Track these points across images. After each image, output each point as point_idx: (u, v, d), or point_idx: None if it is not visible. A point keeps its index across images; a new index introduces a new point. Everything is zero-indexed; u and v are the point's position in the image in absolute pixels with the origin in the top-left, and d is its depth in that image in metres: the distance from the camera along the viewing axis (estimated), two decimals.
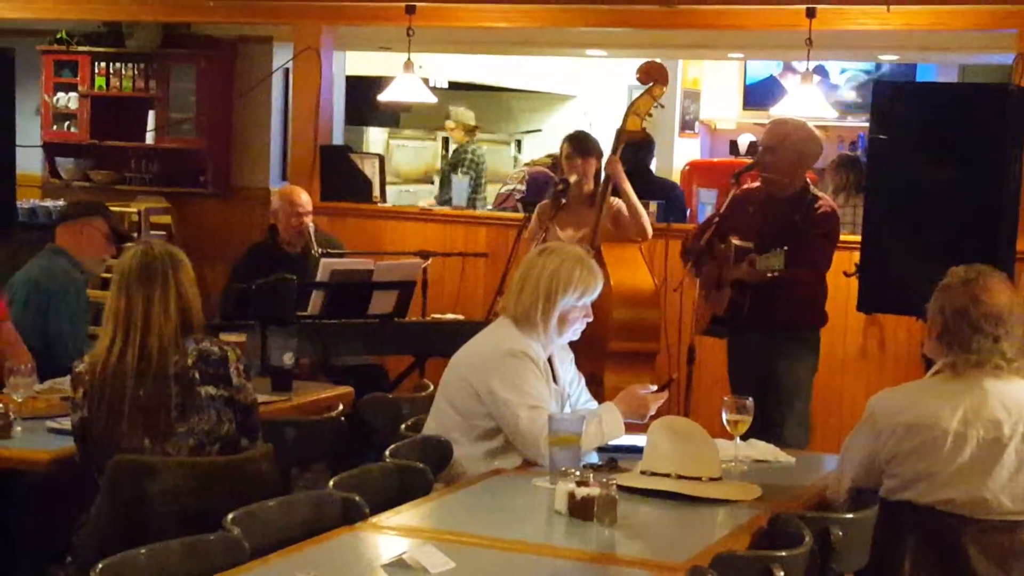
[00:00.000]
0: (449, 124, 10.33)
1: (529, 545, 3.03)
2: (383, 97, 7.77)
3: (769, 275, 4.99)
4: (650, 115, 6.03)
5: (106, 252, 5.23)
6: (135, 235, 8.36)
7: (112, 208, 8.22)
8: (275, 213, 6.61)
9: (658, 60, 6.12)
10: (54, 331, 4.96)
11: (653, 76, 5.95)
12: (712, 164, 11.18)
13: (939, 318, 3.46)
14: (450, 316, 6.63)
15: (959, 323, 3.40)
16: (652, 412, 3.94)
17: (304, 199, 6.53)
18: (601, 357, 5.68)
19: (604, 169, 6.02)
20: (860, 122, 11.18)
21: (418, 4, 7.24)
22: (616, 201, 6.00)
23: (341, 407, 4.53)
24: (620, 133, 6.06)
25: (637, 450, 3.69)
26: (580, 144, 6.25)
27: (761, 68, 12.31)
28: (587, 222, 5.99)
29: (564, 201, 6.11)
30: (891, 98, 5.53)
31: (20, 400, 4.00)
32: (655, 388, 4.02)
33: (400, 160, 11.79)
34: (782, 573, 2.88)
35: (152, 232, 8.54)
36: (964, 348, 3.39)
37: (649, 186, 7.23)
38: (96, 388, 3.55)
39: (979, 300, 3.39)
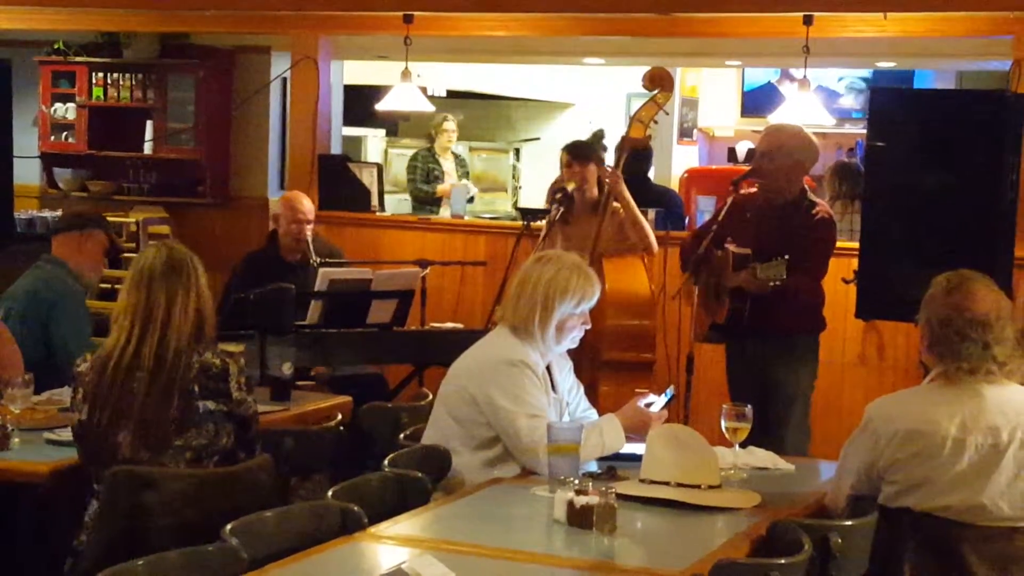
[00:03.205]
0: (451, 127, 9.76)
1: (528, 554, 3.02)
2: (381, 106, 7.77)
3: (771, 284, 4.99)
4: (655, 122, 5.99)
5: (102, 266, 5.22)
6: (134, 246, 8.38)
7: (110, 218, 8.26)
8: (276, 218, 6.62)
9: (661, 66, 6.08)
10: (55, 342, 4.95)
11: (658, 83, 5.91)
12: (711, 171, 11.19)
13: (927, 329, 3.47)
14: (449, 325, 6.63)
15: (946, 332, 3.40)
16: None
17: (306, 206, 6.52)
18: (596, 367, 5.67)
19: (607, 182, 5.98)
20: (858, 129, 11.19)
21: (416, 13, 7.24)
22: (620, 208, 5.97)
23: (340, 416, 4.52)
24: (624, 141, 6.04)
25: (636, 458, 3.69)
26: (578, 151, 6.24)
27: (759, 75, 12.32)
28: (591, 231, 5.95)
29: (566, 210, 6.08)
30: (889, 105, 5.54)
31: (18, 411, 4.00)
32: (654, 397, 4.02)
33: (398, 169, 11.78)
34: None
35: (150, 242, 8.53)
36: (955, 357, 3.40)
37: (647, 194, 7.23)
38: (104, 388, 3.52)
39: (962, 308, 3.39)
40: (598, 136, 8.77)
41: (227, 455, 3.62)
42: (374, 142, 11.51)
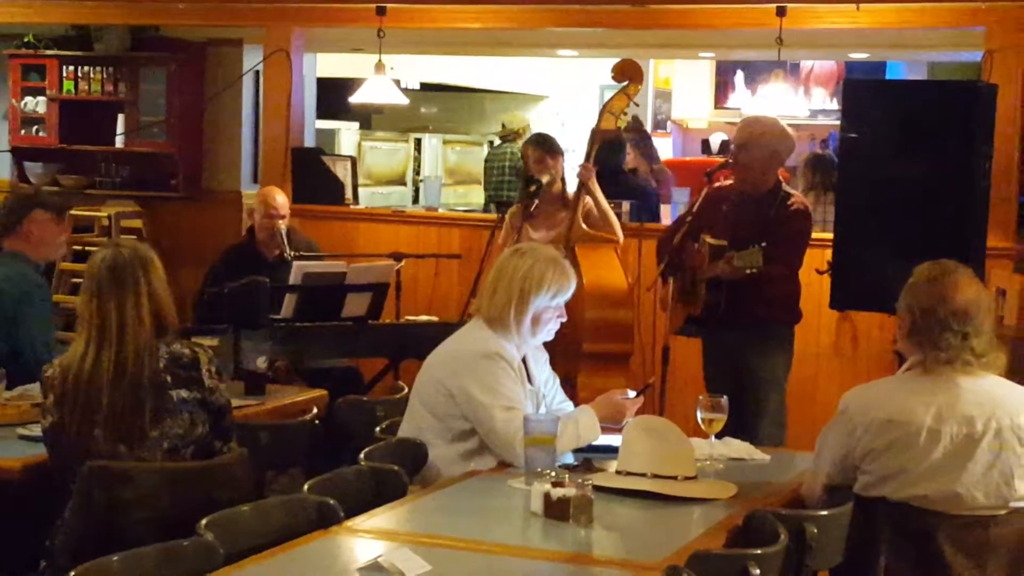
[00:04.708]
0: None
1: (505, 546, 3.02)
2: (355, 99, 7.75)
3: (748, 271, 5.00)
4: (625, 114, 6.02)
5: (60, 233, 5.14)
6: (105, 240, 8.31)
7: (82, 212, 8.23)
8: (251, 213, 6.60)
9: (630, 59, 6.11)
10: (23, 338, 4.90)
11: (628, 75, 5.94)
12: (685, 163, 11.22)
13: (907, 316, 3.47)
14: (424, 318, 6.62)
15: (928, 321, 3.41)
16: (629, 418, 3.94)
17: (278, 201, 6.51)
18: (575, 358, 5.68)
19: (577, 176, 6.01)
20: (831, 120, 11.23)
21: (388, 5, 7.23)
22: (588, 199, 6.01)
23: (315, 410, 4.51)
24: (595, 133, 6.06)
25: (612, 450, 3.69)
26: (548, 144, 6.30)
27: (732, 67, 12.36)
28: (559, 223, 5.99)
29: (536, 202, 6.11)
30: (862, 96, 5.56)
31: None
32: (633, 394, 4.02)
33: (372, 162, 11.77)
34: (758, 571, 2.88)
35: (123, 236, 8.49)
36: (933, 346, 3.40)
37: (621, 186, 7.24)
38: (69, 394, 3.52)
39: (946, 298, 3.40)
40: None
41: (203, 445, 3.61)
42: (348, 135, 11.48)
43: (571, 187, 6.20)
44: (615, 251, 6.03)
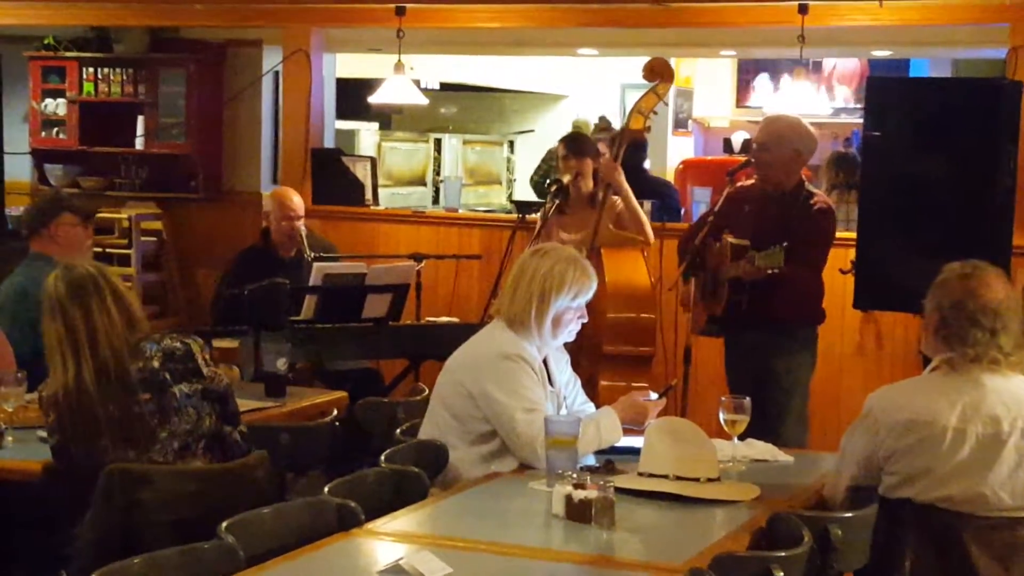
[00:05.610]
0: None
1: (527, 549, 3.00)
2: (374, 99, 7.74)
3: (769, 272, 4.97)
4: (655, 113, 5.96)
5: (87, 238, 5.16)
6: (126, 242, 8.35)
7: (103, 215, 8.23)
8: (267, 215, 6.60)
9: (661, 57, 6.04)
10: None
11: (659, 73, 5.87)
12: (706, 162, 11.19)
13: (936, 314, 3.45)
14: (444, 319, 6.61)
15: (957, 318, 3.39)
16: (651, 419, 3.92)
17: (296, 202, 6.51)
18: (597, 360, 5.65)
19: (603, 176, 5.96)
20: (854, 119, 11.17)
21: (408, 5, 7.22)
22: (618, 200, 5.96)
23: (336, 412, 4.50)
24: (623, 132, 6.02)
25: (634, 451, 3.66)
26: (575, 144, 6.23)
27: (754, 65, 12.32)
28: (588, 223, 5.93)
29: (561, 202, 6.07)
30: (885, 94, 5.53)
31: (11, 409, 3.97)
32: (655, 395, 4.00)
33: (392, 163, 11.78)
34: (782, 573, 2.86)
35: (143, 238, 8.52)
36: (962, 343, 3.38)
37: (643, 185, 7.21)
38: (65, 414, 3.50)
39: (976, 294, 3.38)
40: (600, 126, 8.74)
41: (213, 437, 3.60)
42: (367, 135, 11.50)
43: None
44: (641, 252, 5.99)
